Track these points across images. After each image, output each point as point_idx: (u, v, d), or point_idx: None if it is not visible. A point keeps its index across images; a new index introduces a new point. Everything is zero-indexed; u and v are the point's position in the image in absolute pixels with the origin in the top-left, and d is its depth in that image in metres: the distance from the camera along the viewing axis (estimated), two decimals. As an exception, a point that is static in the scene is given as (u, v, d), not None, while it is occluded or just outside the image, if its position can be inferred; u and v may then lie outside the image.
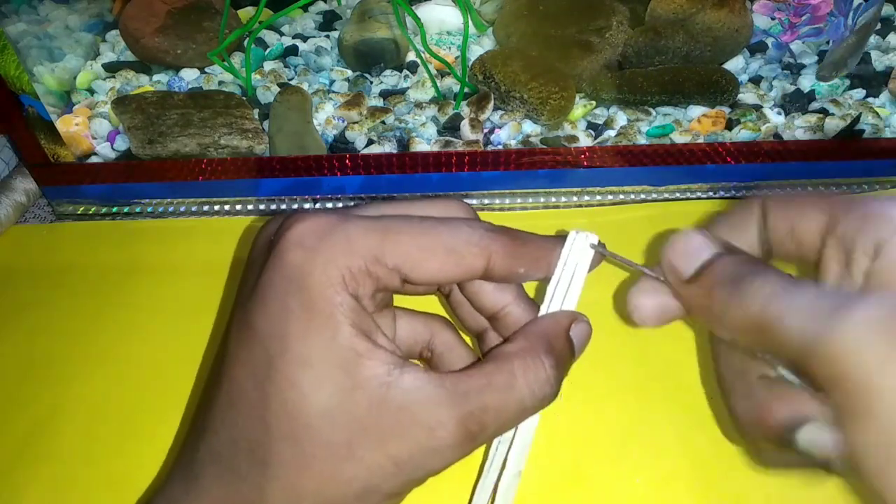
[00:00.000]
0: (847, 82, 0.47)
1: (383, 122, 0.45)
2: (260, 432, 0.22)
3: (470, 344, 0.30)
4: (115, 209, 0.44)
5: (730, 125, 0.44)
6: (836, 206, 0.22)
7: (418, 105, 0.46)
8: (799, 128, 0.44)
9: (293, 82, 0.48)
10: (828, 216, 0.22)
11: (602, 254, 0.25)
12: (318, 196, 0.43)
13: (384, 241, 0.23)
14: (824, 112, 0.45)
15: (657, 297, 0.24)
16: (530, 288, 0.28)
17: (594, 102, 0.46)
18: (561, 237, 0.25)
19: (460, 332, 0.29)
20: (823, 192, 0.23)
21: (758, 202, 0.25)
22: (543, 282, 0.26)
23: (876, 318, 0.18)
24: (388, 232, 0.23)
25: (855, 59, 0.46)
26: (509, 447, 0.25)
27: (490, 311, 0.26)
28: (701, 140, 0.43)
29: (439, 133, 0.44)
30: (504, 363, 0.23)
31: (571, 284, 0.25)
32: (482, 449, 0.28)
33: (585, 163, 0.41)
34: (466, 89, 0.46)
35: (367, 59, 0.49)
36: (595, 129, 0.45)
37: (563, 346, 0.24)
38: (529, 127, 0.45)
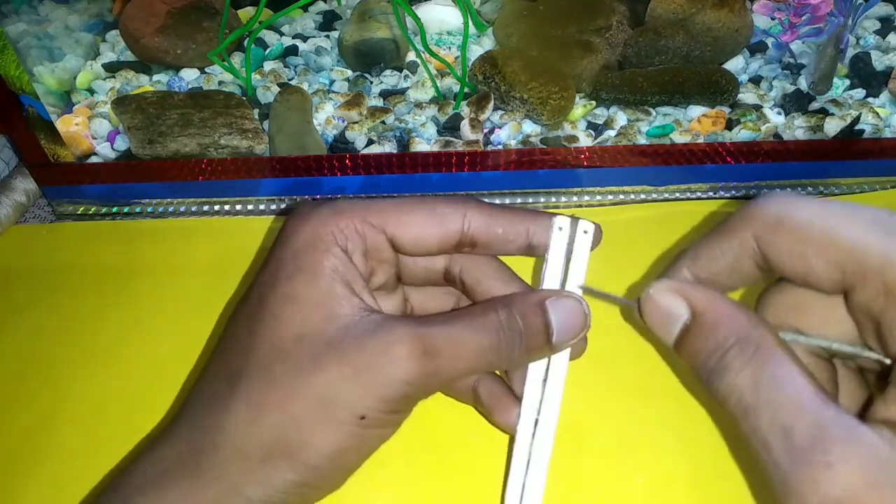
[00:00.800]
0: (847, 82, 0.47)
1: (383, 122, 0.45)
2: (240, 362, 0.24)
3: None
4: (115, 209, 0.44)
5: (730, 125, 0.44)
6: (848, 264, 0.20)
7: (418, 105, 0.46)
8: (799, 128, 0.44)
9: (293, 82, 0.48)
10: (841, 275, 0.20)
11: (603, 298, 0.25)
12: (319, 196, 0.43)
13: (369, 206, 0.26)
14: (824, 112, 0.45)
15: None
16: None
17: (594, 102, 0.46)
18: (542, 213, 0.26)
19: None
20: (812, 211, 0.20)
21: (748, 224, 0.22)
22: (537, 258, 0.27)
23: (842, 480, 0.17)
24: (374, 201, 0.26)
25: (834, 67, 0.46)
26: (530, 449, 0.26)
27: None
28: (701, 140, 0.43)
29: (439, 133, 0.44)
30: (465, 309, 0.25)
31: (570, 272, 0.26)
32: (501, 462, 0.29)
33: (585, 163, 0.41)
34: (466, 89, 0.46)
35: (367, 59, 0.49)
36: (595, 129, 0.45)
37: (527, 308, 0.24)
38: (529, 127, 0.45)
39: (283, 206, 0.44)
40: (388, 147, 0.43)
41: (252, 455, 0.23)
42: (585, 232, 0.26)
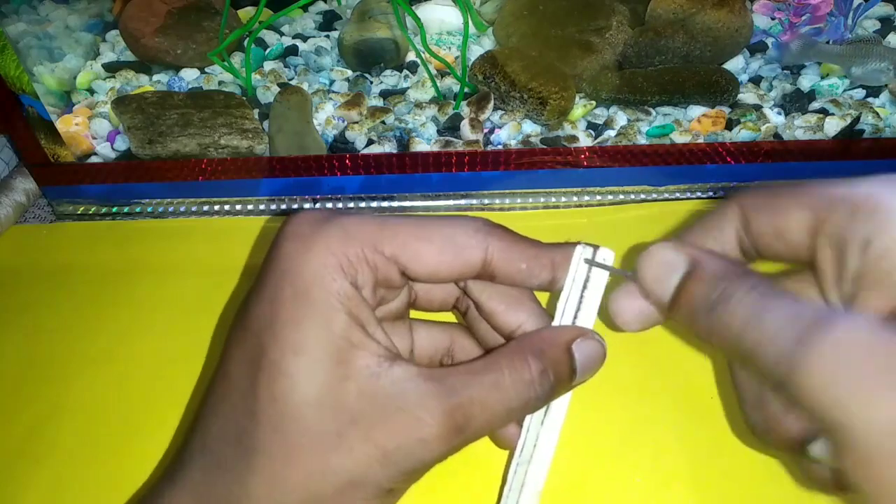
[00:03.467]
0: (847, 82, 0.47)
1: (383, 122, 0.45)
2: (248, 422, 0.21)
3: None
4: (115, 209, 0.44)
5: (730, 125, 0.44)
6: (821, 203, 0.21)
7: (418, 105, 0.46)
8: (799, 128, 0.44)
9: (293, 82, 0.48)
10: (814, 214, 0.21)
11: (605, 268, 0.24)
12: (318, 196, 0.43)
13: (382, 231, 0.23)
14: (824, 112, 0.45)
15: (638, 301, 0.24)
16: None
17: (594, 102, 0.46)
18: (565, 245, 0.25)
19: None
20: (801, 185, 0.22)
21: (735, 204, 0.24)
22: (554, 292, 0.25)
23: (841, 349, 0.17)
24: (386, 223, 0.23)
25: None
26: (528, 467, 0.25)
27: (505, 329, 0.26)
28: (701, 140, 0.43)
29: (439, 133, 0.44)
30: (492, 361, 0.23)
31: (584, 301, 0.24)
32: (498, 471, 0.29)
33: (585, 163, 0.41)
34: (466, 89, 0.46)
35: (367, 59, 0.49)
36: (595, 129, 0.45)
37: (557, 355, 0.23)
38: (529, 127, 0.45)
39: (282, 206, 0.44)
40: (388, 147, 0.43)
41: None
42: (605, 259, 0.24)
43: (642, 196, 0.43)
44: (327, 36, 0.53)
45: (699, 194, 0.43)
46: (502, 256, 0.24)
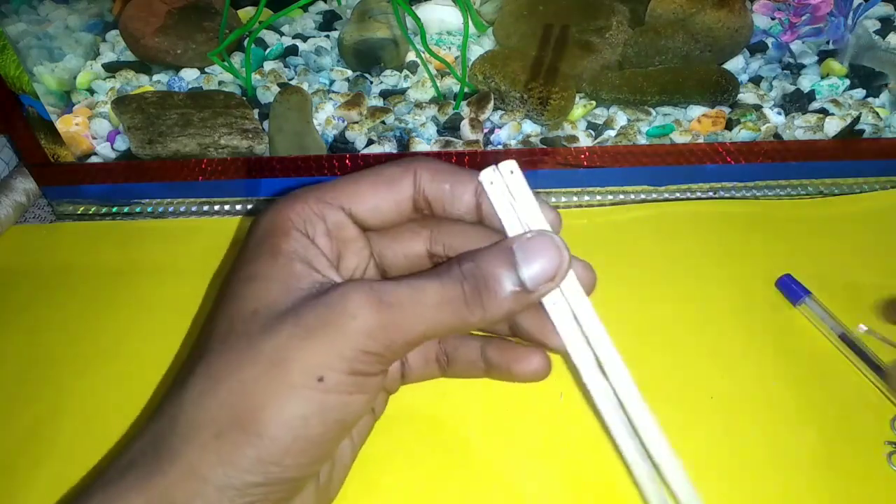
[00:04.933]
0: (847, 82, 0.47)
1: (383, 122, 0.45)
2: (201, 343, 0.23)
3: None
4: (115, 209, 0.44)
5: (730, 125, 0.44)
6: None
7: (418, 105, 0.46)
8: (799, 128, 0.44)
9: (293, 82, 0.48)
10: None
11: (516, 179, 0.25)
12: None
13: (325, 187, 0.26)
14: (824, 112, 0.45)
15: None
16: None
17: (594, 102, 0.46)
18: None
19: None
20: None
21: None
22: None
23: None
24: (329, 183, 0.26)
25: None
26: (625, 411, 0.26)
27: None
28: (701, 140, 0.43)
29: (439, 133, 0.44)
30: (430, 270, 0.24)
31: (519, 209, 0.25)
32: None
33: (585, 163, 0.41)
34: (466, 89, 0.46)
35: (367, 59, 0.49)
36: (595, 129, 0.45)
37: (492, 256, 0.23)
38: (529, 127, 0.45)
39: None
40: (388, 147, 0.43)
41: (205, 431, 0.21)
42: (512, 172, 0.25)
43: (642, 196, 0.43)
44: (327, 36, 0.53)
45: (699, 194, 0.43)
46: (427, 179, 0.25)
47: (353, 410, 0.22)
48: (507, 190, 0.24)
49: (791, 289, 0.36)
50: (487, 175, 0.24)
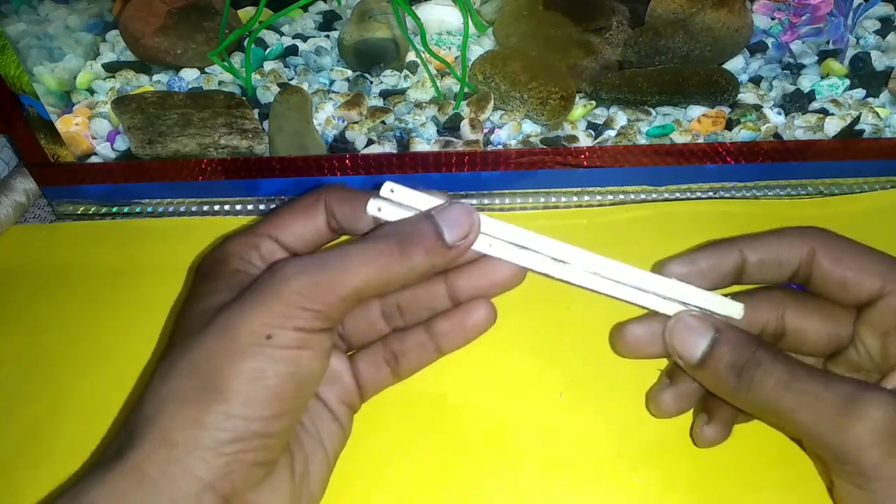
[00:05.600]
0: (847, 82, 0.47)
1: (383, 122, 0.45)
2: (168, 347, 0.25)
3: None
4: (115, 209, 0.44)
5: (730, 125, 0.44)
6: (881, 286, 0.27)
7: (418, 105, 0.46)
8: (799, 128, 0.44)
9: (293, 82, 0.48)
10: (871, 290, 0.27)
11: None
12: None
13: (256, 224, 0.28)
14: (824, 112, 0.45)
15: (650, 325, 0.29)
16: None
17: (594, 102, 0.46)
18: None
19: None
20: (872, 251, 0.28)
21: (734, 252, 0.29)
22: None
23: (880, 422, 0.23)
24: (259, 220, 0.29)
25: None
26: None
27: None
28: (701, 140, 0.43)
29: (439, 133, 0.44)
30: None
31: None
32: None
33: (585, 163, 0.41)
34: (466, 89, 0.46)
35: (367, 59, 0.49)
36: (595, 129, 0.45)
37: (414, 220, 0.27)
38: (529, 127, 0.45)
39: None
40: (388, 147, 0.43)
41: (171, 402, 0.23)
42: (392, 191, 0.28)
43: (642, 196, 0.43)
44: (327, 36, 0.53)
45: (699, 194, 0.43)
46: (335, 205, 0.28)
47: (304, 365, 0.24)
48: (397, 205, 0.27)
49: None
50: (373, 206, 0.27)
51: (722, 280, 0.29)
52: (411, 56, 0.50)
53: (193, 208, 0.44)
